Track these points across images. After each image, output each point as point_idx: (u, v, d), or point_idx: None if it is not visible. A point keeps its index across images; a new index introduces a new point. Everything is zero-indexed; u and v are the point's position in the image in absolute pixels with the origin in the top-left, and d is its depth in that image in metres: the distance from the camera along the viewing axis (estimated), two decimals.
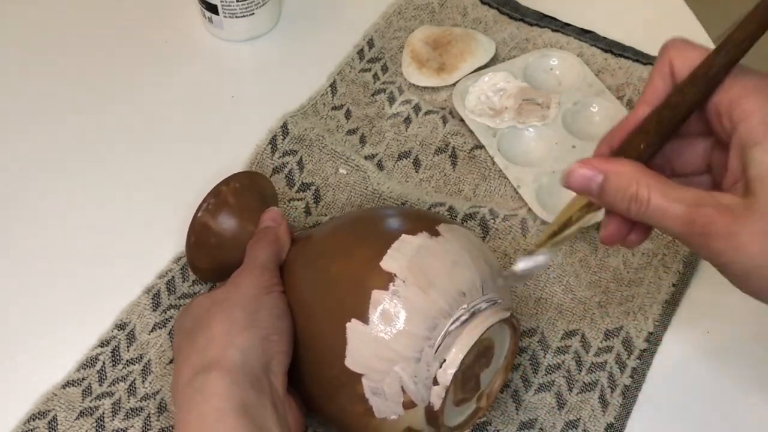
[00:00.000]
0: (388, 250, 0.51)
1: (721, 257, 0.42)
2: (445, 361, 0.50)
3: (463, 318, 0.51)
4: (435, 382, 0.50)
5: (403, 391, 0.50)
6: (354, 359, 0.50)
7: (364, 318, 0.50)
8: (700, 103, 0.45)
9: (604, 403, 0.59)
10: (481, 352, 0.53)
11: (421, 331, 0.50)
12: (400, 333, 0.49)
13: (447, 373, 0.50)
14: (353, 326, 0.50)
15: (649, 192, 0.43)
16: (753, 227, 0.41)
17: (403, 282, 0.50)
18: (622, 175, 0.44)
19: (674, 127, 0.46)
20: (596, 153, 0.49)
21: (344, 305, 0.51)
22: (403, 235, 0.52)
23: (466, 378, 0.52)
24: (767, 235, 0.41)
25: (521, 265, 0.51)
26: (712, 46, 0.80)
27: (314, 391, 0.53)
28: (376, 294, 0.50)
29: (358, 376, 0.50)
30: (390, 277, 0.50)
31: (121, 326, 0.63)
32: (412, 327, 0.49)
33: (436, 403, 0.50)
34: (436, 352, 0.50)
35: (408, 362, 0.50)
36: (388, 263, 0.51)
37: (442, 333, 0.50)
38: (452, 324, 0.50)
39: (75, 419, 0.59)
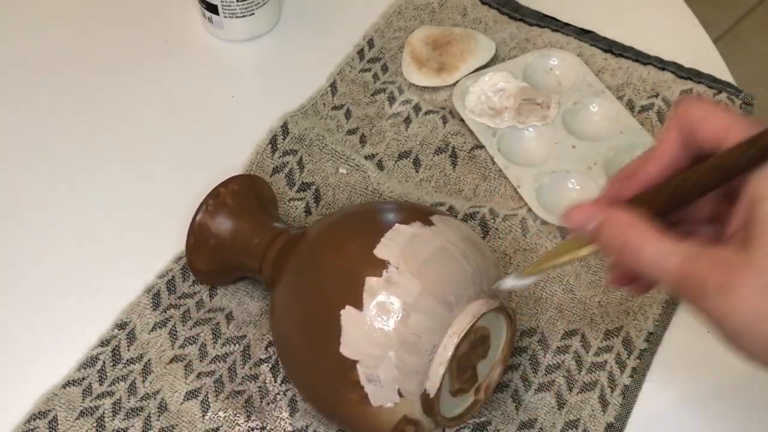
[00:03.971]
0: (381, 239, 0.52)
1: (714, 312, 0.41)
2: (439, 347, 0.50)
3: (456, 305, 0.51)
4: None
5: None
6: (348, 346, 0.50)
7: (358, 305, 0.50)
8: (720, 186, 0.44)
9: (604, 403, 0.59)
10: (476, 342, 0.53)
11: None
12: (394, 319, 0.50)
13: (442, 358, 0.50)
14: (347, 313, 0.50)
15: (642, 243, 0.42)
16: (748, 284, 0.39)
17: (396, 269, 0.50)
18: (615, 223, 0.43)
19: (686, 202, 0.45)
20: (605, 193, 0.48)
21: (338, 293, 0.51)
22: (397, 225, 0.53)
23: (462, 367, 0.53)
24: (761, 294, 0.39)
25: (509, 283, 0.52)
26: (712, 46, 0.81)
27: (311, 382, 0.53)
28: (369, 281, 0.50)
29: (353, 363, 0.50)
30: (383, 265, 0.51)
31: (121, 326, 0.63)
32: (405, 313, 0.50)
33: (432, 390, 0.50)
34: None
35: (402, 347, 0.50)
36: (381, 251, 0.51)
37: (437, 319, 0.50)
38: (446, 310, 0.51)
39: (75, 419, 0.59)
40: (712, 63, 0.79)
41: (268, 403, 0.60)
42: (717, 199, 0.46)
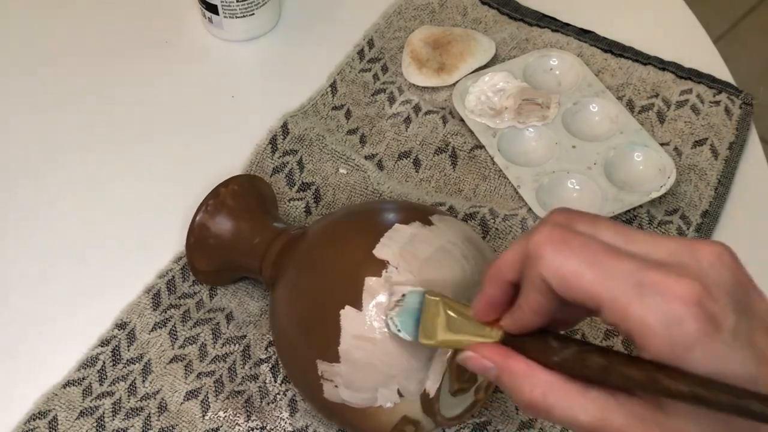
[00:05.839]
0: (381, 239, 0.52)
1: None
2: None
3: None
4: None
5: None
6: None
7: (357, 305, 0.50)
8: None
9: None
10: None
11: None
12: None
13: (441, 358, 0.50)
14: (347, 313, 0.50)
15: (547, 399, 0.39)
16: None
17: (396, 268, 0.50)
18: (516, 377, 0.40)
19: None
20: (477, 315, 0.44)
21: (338, 293, 0.51)
22: (396, 224, 0.52)
23: (462, 367, 0.53)
24: None
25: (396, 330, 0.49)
26: (712, 46, 0.81)
27: (310, 381, 0.53)
28: (369, 281, 0.50)
29: None
30: (383, 265, 0.51)
31: (121, 326, 0.63)
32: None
33: (432, 390, 0.50)
34: None
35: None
36: (380, 251, 0.51)
37: None
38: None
39: (75, 419, 0.59)
40: (712, 63, 0.79)
41: (268, 403, 0.60)
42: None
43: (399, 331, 0.49)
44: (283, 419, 0.59)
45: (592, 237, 0.38)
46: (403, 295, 0.49)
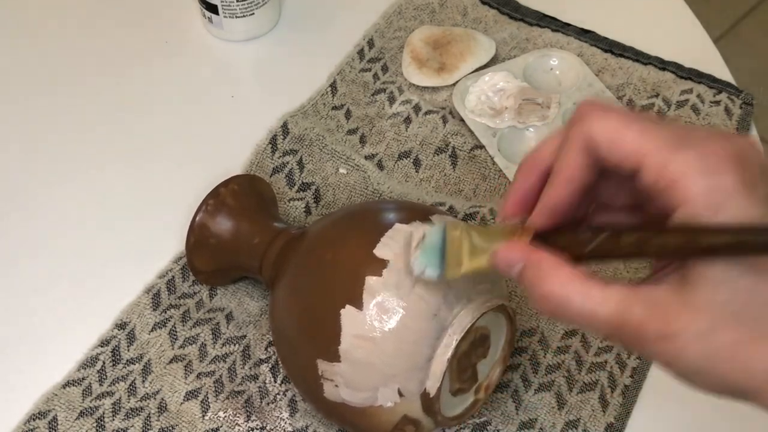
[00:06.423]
0: (382, 238, 0.52)
1: (659, 359, 0.38)
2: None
3: (457, 304, 0.51)
4: None
5: None
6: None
7: (358, 304, 0.50)
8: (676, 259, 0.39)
9: (604, 403, 0.59)
10: (477, 341, 0.53)
11: None
12: (394, 318, 0.50)
13: (442, 358, 0.50)
14: (347, 312, 0.50)
15: (565, 290, 0.39)
16: (691, 328, 0.36)
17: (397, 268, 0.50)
18: (539, 268, 0.40)
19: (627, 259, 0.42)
20: (506, 210, 0.44)
21: (338, 292, 0.51)
22: (397, 224, 0.53)
23: (462, 367, 0.53)
24: (707, 337, 0.36)
25: (422, 271, 0.49)
26: (712, 46, 0.81)
27: (311, 381, 0.53)
28: (369, 280, 0.50)
29: None
30: (383, 264, 0.51)
31: (121, 326, 0.63)
32: (405, 312, 0.50)
33: (432, 389, 0.50)
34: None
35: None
36: (381, 250, 0.51)
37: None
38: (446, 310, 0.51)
39: (75, 419, 0.59)
40: (712, 63, 0.79)
41: (268, 403, 0.60)
42: (633, 192, 0.41)
43: (424, 270, 0.48)
44: (283, 419, 0.59)
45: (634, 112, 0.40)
46: (425, 235, 0.49)
